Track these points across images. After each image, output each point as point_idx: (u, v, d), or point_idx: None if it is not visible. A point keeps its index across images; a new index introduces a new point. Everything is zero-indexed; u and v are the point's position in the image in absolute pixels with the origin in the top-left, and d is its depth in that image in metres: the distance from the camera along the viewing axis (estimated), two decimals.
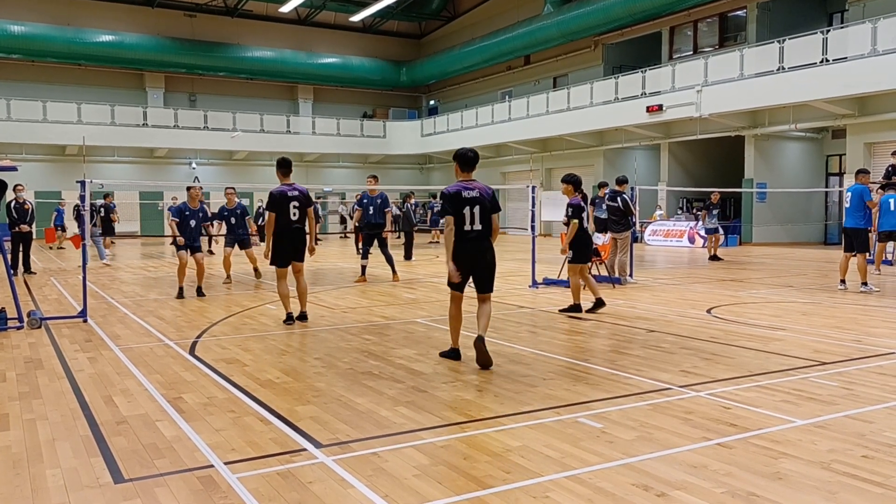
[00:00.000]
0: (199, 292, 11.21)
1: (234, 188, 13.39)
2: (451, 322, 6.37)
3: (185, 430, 4.42)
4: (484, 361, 5.98)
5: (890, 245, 14.90)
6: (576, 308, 9.19)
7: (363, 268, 13.48)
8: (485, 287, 6.19)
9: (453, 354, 6.39)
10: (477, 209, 6.00)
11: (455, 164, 6.26)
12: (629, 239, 12.47)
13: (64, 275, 15.19)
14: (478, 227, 6.01)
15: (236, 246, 13.37)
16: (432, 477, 3.62)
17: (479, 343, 6.02)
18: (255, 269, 13.44)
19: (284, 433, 4.38)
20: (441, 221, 30.46)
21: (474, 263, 6.08)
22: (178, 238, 11.16)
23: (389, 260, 13.42)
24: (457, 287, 6.16)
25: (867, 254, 11.59)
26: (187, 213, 11.33)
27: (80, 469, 3.80)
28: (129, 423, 4.61)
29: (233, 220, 13.10)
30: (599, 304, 9.18)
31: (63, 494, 3.47)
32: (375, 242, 13.34)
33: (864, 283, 11.22)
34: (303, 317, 8.63)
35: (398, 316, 9.21)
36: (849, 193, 11.42)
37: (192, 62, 34.19)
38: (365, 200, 13.18)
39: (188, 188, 11.84)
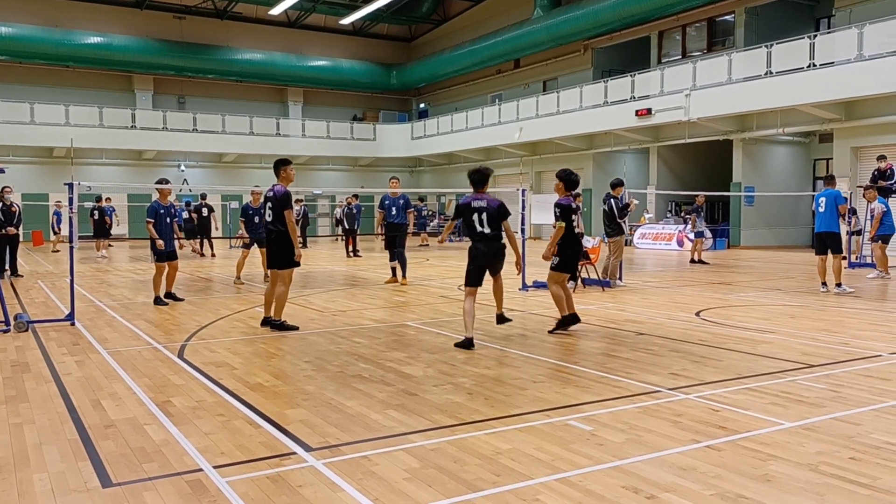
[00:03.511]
0: (173, 297, 10.97)
1: (261, 188, 13.35)
2: (466, 316, 7.29)
3: (174, 434, 4.40)
4: (505, 322, 7.81)
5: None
6: (566, 321, 7.99)
7: (394, 269, 13.48)
8: (495, 272, 7.54)
9: (467, 343, 7.14)
10: (484, 215, 7.32)
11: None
12: (621, 243, 12.50)
13: (51, 278, 15.09)
14: (486, 229, 7.33)
15: (254, 246, 13.42)
16: (422, 480, 3.62)
17: (500, 319, 7.82)
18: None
19: (274, 437, 4.36)
20: (429, 225, 30.65)
21: (486, 257, 7.36)
22: (157, 242, 10.62)
23: (403, 262, 13.46)
24: (472, 283, 7.34)
25: (842, 255, 11.79)
26: (161, 211, 10.82)
27: (68, 473, 3.77)
28: (118, 426, 4.58)
29: (256, 220, 13.18)
30: (573, 319, 7.99)
31: (50, 499, 3.45)
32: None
33: (839, 285, 11.44)
34: (266, 322, 8.40)
35: (388, 319, 9.20)
36: (822, 198, 11.59)
37: (181, 64, 34.04)
38: (387, 202, 13.32)
39: (158, 189, 11.23)
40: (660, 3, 24.46)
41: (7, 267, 14.76)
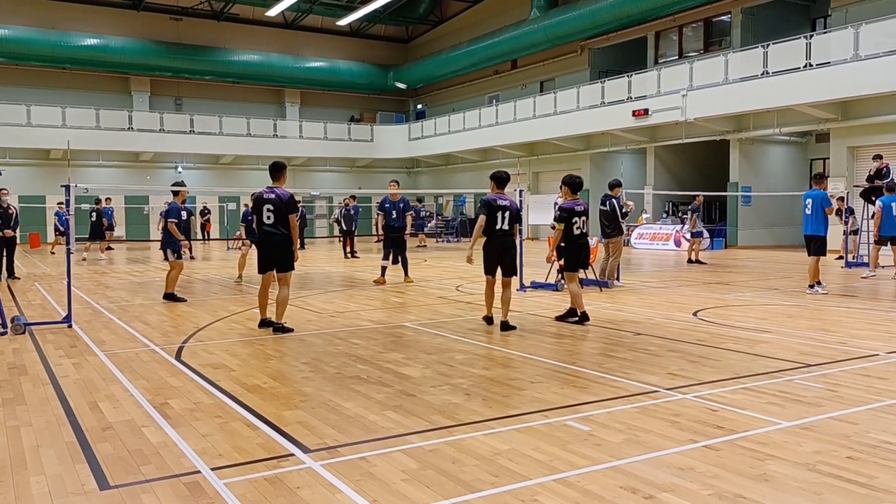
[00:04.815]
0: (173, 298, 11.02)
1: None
2: (487, 298, 8.54)
3: (172, 436, 4.39)
4: (509, 329, 8.08)
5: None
6: (575, 314, 8.57)
7: (384, 269, 13.72)
8: (508, 271, 8.27)
9: (488, 321, 8.46)
10: (507, 214, 8.15)
11: (491, 182, 8.40)
12: (620, 244, 12.50)
13: (48, 280, 15.07)
14: (505, 227, 8.15)
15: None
16: (420, 481, 3.62)
17: (504, 327, 8.09)
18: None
19: (272, 438, 4.36)
20: (427, 226, 30.79)
21: (502, 253, 8.18)
22: (182, 241, 10.95)
23: (405, 263, 13.83)
24: (489, 272, 8.30)
25: (821, 257, 11.64)
26: (182, 211, 11.00)
27: (65, 476, 3.76)
28: (115, 429, 4.57)
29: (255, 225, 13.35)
30: (580, 315, 8.55)
31: (48, 502, 3.44)
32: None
33: (812, 285, 11.39)
34: (268, 324, 8.30)
35: (386, 320, 9.19)
36: (808, 200, 11.43)
37: (178, 66, 34.02)
38: (387, 205, 13.64)
39: (175, 191, 11.22)
40: (656, 4, 24.50)
41: (4, 270, 14.74)
